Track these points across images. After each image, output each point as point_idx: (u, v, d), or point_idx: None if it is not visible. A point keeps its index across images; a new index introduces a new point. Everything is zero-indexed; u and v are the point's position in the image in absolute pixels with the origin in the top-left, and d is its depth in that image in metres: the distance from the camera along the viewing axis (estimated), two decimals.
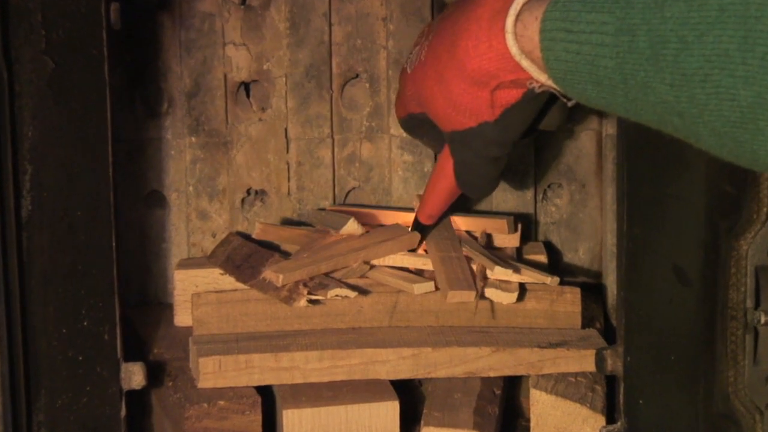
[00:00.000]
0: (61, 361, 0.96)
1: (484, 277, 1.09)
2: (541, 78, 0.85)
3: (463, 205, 1.18)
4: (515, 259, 1.15)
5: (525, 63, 0.84)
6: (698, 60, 0.66)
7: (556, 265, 1.22)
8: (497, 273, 1.09)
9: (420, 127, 1.06)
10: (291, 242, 1.15)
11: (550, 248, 1.22)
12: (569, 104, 0.97)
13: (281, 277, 1.06)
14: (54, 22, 0.92)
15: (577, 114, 1.20)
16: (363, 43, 1.18)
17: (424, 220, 1.11)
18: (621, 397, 1.04)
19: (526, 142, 1.18)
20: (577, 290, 1.12)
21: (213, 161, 1.18)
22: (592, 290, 1.22)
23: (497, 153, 0.98)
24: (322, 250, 1.10)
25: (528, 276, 1.11)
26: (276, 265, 1.08)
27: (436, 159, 1.17)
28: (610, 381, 1.07)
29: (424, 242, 1.13)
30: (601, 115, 1.20)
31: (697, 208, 0.97)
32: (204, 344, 1.04)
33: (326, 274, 1.09)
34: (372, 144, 1.20)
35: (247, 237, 1.16)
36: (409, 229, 1.13)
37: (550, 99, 0.95)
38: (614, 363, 1.04)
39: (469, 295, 1.07)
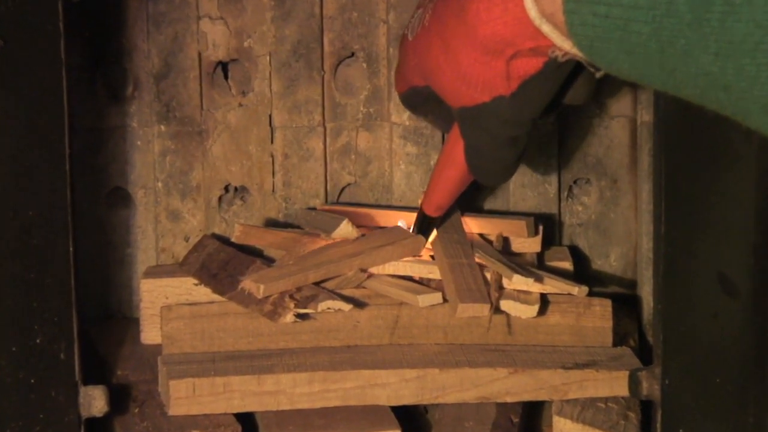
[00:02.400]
0: (10, 383, 0.97)
1: (500, 287, 1.10)
2: (564, 45, 0.84)
3: (475, 202, 1.18)
4: (536, 267, 1.15)
5: (546, 28, 0.84)
6: (747, 25, 0.66)
7: (583, 273, 1.22)
8: (515, 282, 1.09)
9: (424, 103, 1.06)
10: (275, 247, 1.15)
11: (577, 254, 1.23)
12: (597, 75, 0.97)
13: (262, 287, 1.06)
14: None
15: (607, 96, 1.20)
16: (359, 17, 1.19)
17: (431, 212, 1.11)
18: (658, 425, 1.04)
19: (548, 119, 1.18)
20: (608, 302, 1.12)
21: (185, 153, 1.19)
22: (625, 302, 1.22)
23: (515, 132, 0.98)
24: (312, 257, 1.11)
25: (551, 286, 1.11)
26: (257, 273, 1.09)
27: (443, 141, 1.17)
28: (646, 407, 1.07)
29: (431, 247, 1.13)
30: (635, 99, 1.21)
31: (745, 207, 0.98)
32: (175, 365, 1.05)
33: (316, 284, 1.09)
34: (370, 133, 1.21)
35: (225, 241, 1.17)
36: (413, 226, 1.13)
37: (575, 69, 0.95)
38: (650, 386, 1.04)
39: (483, 309, 1.07)
